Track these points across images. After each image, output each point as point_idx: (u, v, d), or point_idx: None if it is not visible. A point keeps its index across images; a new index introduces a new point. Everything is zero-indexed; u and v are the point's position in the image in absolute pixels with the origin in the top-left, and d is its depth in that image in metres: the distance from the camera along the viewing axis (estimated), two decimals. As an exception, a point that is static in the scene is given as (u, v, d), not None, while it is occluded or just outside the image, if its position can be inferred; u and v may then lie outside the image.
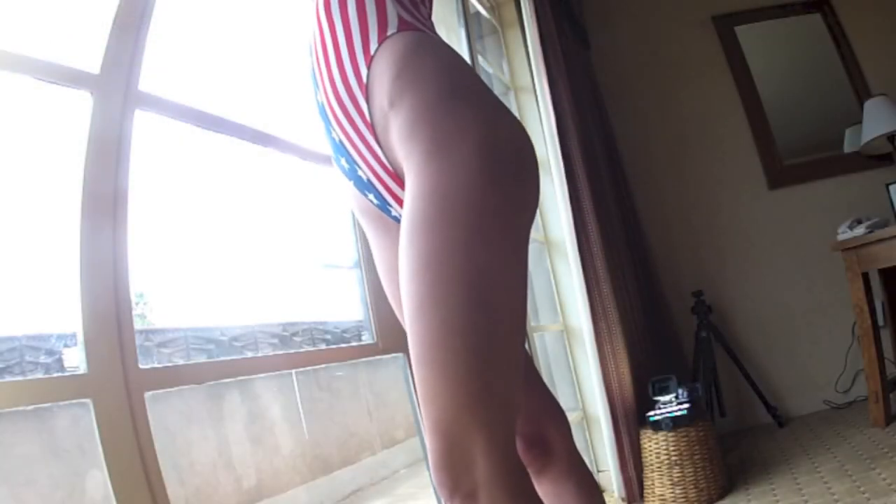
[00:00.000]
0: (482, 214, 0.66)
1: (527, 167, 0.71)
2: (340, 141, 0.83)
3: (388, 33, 0.75)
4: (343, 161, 0.85)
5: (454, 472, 0.64)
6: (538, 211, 2.68)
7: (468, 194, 0.66)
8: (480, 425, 0.63)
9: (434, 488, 0.71)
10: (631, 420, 2.25)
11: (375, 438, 4.56)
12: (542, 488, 0.89)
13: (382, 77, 0.74)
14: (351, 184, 0.87)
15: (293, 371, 3.72)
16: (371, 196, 0.85)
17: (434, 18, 0.97)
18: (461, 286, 0.64)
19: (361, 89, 0.76)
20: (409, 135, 0.71)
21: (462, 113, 0.70)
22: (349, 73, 0.77)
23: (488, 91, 0.75)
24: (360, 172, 0.83)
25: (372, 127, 0.77)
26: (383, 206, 0.86)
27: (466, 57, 2.35)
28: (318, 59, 0.81)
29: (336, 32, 0.78)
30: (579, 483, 0.88)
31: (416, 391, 0.69)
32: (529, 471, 0.88)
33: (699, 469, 2.10)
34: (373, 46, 0.75)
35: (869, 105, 2.80)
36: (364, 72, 0.76)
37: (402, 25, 0.76)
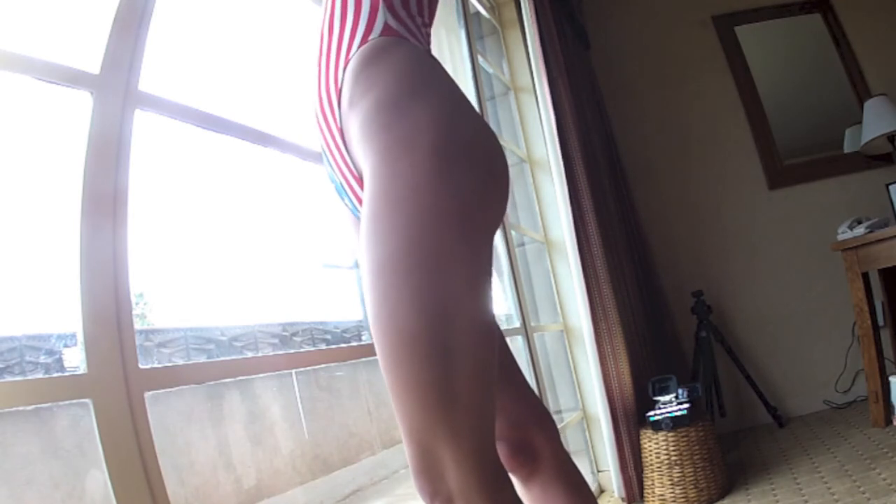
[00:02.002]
0: (436, 217, 0.64)
1: (488, 169, 0.70)
2: (322, 147, 0.85)
3: (370, 38, 0.76)
4: (327, 166, 0.87)
5: (430, 478, 0.63)
6: (538, 211, 2.69)
7: (420, 197, 0.64)
8: (448, 434, 0.62)
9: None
10: (631, 420, 2.25)
11: (375, 438, 4.55)
12: (531, 494, 0.88)
13: (350, 78, 0.75)
14: (333, 188, 0.89)
15: (293, 371, 3.72)
16: (346, 200, 0.87)
17: (435, 20, 0.97)
18: (414, 292, 0.62)
19: (336, 92, 0.77)
20: (365, 136, 0.71)
21: (417, 114, 0.68)
22: (330, 76, 0.79)
23: (455, 98, 0.74)
24: (336, 177, 0.85)
25: (341, 131, 0.78)
26: (354, 211, 0.87)
27: (466, 57, 2.35)
28: (317, 64, 0.83)
29: (332, 38, 0.80)
30: (569, 487, 0.87)
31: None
32: (517, 477, 0.87)
33: (699, 469, 2.10)
34: (353, 50, 0.76)
35: (869, 105, 2.80)
36: (340, 75, 0.77)
37: (385, 31, 0.76)
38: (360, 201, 0.83)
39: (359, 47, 0.76)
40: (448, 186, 0.65)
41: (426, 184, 0.65)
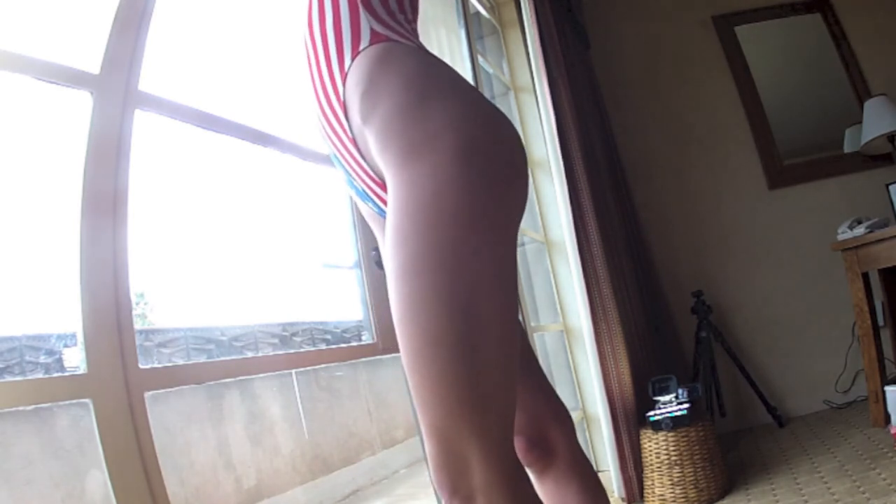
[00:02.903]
0: (458, 219, 0.65)
1: (508, 165, 0.69)
2: (335, 154, 0.85)
3: (361, 47, 0.75)
4: (343, 172, 0.87)
5: (452, 475, 0.64)
6: (538, 211, 2.69)
7: (442, 200, 0.65)
8: (474, 432, 0.63)
9: (434, 489, 0.72)
10: (631, 420, 2.25)
11: (375, 438, 4.55)
12: (544, 488, 0.89)
13: (354, 93, 0.75)
14: (353, 192, 0.89)
15: (293, 371, 3.72)
16: (370, 204, 0.87)
17: (434, 19, 0.97)
18: (439, 295, 0.63)
19: (340, 105, 0.77)
20: (383, 147, 0.71)
21: (432, 118, 0.68)
22: (329, 90, 0.78)
23: (465, 91, 0.73)
24: (356, 183, 0.85)
25: (354, 142, 0.78)
26: (381, 213, 0.87)
27: (466, 57, 2.35)
28: (309, 75, 0.83)
29: (317, 49, 0.79)
30: (582, 483, 0.88)
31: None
32: (532, 471, 0.88)
33: (699, 469, 2.10)
34: (346, 63, 0.76)
35: (869, 105, 2.80)
36: (340, 88, 0.77)
37: (374, 38, 0.75)
38: (384, 202, 0.83)
39: (352, 59, 0.75)
40: (468, 187, 0.65)
41: (447, 187, 0.65)
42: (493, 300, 0.65)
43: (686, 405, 2.18)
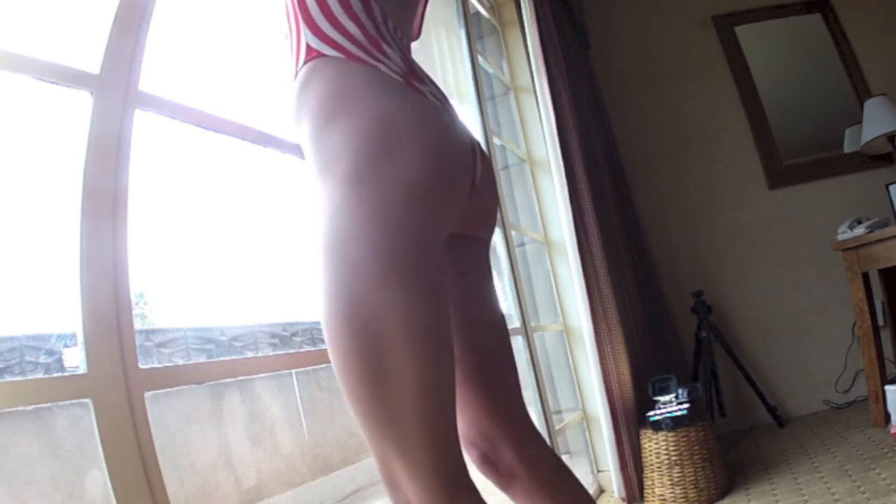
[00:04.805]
0: (349, 244, 0.65)
1: (414, 184, 0.67)
2: None
3: (298, 66, 0.77)
4: None
5: (391, 488, 0.67)
6: (538, 211, 2.69)
7: (334, 226, 0.66)
8: (395, 450, 0.64)
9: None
10: (631, 420, 2.25)
11: (375, 438, 4.54)
12: (516, 499, 0.87)
13: (291, 112, 0.78)
14: None
15: (293, 371, 3.72)
16: None
17: (434, 19, 0.97)
18: (340, 318, 0.64)
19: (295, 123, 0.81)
20: (308, 166, 0.74)
21: (331, 142, 0.69)
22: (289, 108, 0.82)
23: (379, 105, 0.70)
24: None
25: None
26: None
27: (466, 57, 2.35)
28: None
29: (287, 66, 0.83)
30: (555, 492, 0.84)
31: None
32: (496, 481, 0.87)
33: (699, 469, 2.10)
34: (291, 82, 0.79)
35: (869, 105, 2.80)
36: (293, 106, 0.79)
37: (308, 55, 0.75)
38: None
39: (294, 77, 0.78)
40: (356, 213, 0.65)
41: (337, 213, 0.66)
42: (398, 321, 0.63)
43: (686, 405, 2.18)
